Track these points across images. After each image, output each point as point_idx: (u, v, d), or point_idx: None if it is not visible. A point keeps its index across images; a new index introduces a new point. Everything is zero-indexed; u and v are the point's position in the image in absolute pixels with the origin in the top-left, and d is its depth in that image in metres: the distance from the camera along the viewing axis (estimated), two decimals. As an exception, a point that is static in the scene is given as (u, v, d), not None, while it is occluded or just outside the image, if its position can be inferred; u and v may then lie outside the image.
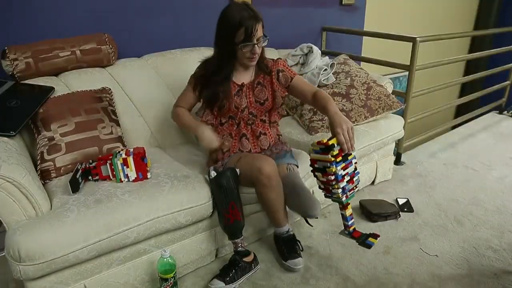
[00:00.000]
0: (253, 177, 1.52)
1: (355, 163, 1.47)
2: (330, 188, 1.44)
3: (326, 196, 1.54)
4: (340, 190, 1.41)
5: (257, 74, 1.69)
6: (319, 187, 1.57)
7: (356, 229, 1.68)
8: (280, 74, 1.70)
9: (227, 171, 1.51)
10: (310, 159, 1.55)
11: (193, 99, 1.71)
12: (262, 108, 1.71)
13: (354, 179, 1.46)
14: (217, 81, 1.61)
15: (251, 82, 1.69)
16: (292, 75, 1.71)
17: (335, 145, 1.42)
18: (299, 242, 1.70)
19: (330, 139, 1.43)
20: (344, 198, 1.44)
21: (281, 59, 1.74)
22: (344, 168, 1.42)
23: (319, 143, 1.45)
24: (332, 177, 1.40)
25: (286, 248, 1.66)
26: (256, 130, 1.73)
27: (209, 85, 1.63)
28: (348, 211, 1.58)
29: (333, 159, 1.39)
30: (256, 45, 1.52)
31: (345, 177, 1.42)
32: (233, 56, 1.57)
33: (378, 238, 1.54)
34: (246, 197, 1.62)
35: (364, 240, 1.66)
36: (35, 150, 1.59)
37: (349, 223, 1.62)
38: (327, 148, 1.42)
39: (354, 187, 1.51)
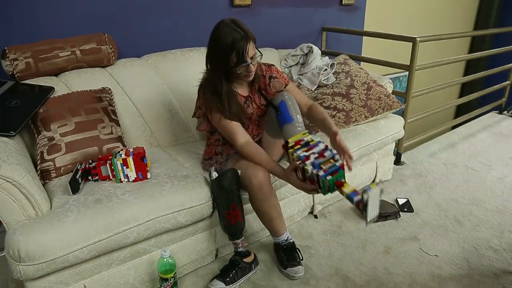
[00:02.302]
0: (245, 185, 1.53)
1: (326, 145, 1.36)
2: (308, 176, 1.35)
3: (319, 189, 1.40)
4: (310, 167, 1.29)
5: (254, 83, 1.68)
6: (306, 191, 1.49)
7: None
8: (273, 80, 1.69)
9: (228, 172, 1.50)
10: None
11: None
12: (266, 110, 1.72)
13: (326, 153, 1.33)
14: (231, 108, 1.55)
15: (253, 91, 1.68)
16: (286, 82, 1.70)
17: (289, 141, 1.42)
18: (299, 250, 1.68)
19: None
20: (321, 173, 1.27)
21: (274, 65, 1.72)
22: (306, 151, 1.36)
23: (283, 148, 1.44)
24: (298, 162, 1.34)
25: (286, 256, 1.65)
26: (261, 126, 1.75)
27: (225, 112, 1.55)
28: (347, 189, 1.28)
29: (292, 150, 1.39)
30: (250, 64, 1.49)
31: (311, 155, 1.34)
32: (230, 76, 1.55)
33: (378, 184, 1.33)
34: (247, 197, 1.62)
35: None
36: (35, 150, 1.59)
37: (356, 199, 1.25)
38: (286, 149, 1.42)
39: (332, 160, 1.31)
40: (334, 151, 1.36)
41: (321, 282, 1.61)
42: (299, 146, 1.39)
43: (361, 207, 1.24)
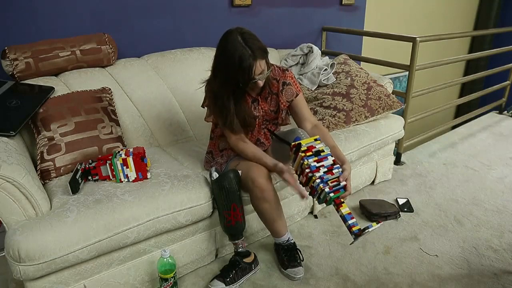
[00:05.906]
0: (247, 187, 1.52)
1: (333, 160, 1.45)
2: (312, 185, 1.40)
3: (315, 197, 1.47)
4: (318, 180, 1.37)
5: (264, 87, 1.60)
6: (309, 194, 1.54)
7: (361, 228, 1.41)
8: (286, 87, 1.63)
9: (229, 172, 1.50)
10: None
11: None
12: (275, 116, 1.69)
13: (334, 171, 1.40)
14: (237, 124, 1.54)
15: (262, 95, 1.63)
16: (297, 91, 1.64)
17: (302, 144, 1.45)
18: (300, 251, 1.68)
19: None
20: (327, 189, 1.36)
21: (288, 71, 1.66)
22: (317, 161, 1.42)
23: (291, 149, 1.48)
24: (307, 170, 1.41)
25: (287, 256, 1.64)
26: (268, 137, 1.72)
27: (229, 127, 1.55)
28: (344, 209, 1.40)
29: (303, 154, 1.42)
30: (258, 80, 1.45)
31: (321, 168, 1.40)
32: (238, 88, 1.50)
33: (379, 224, 1.43)
34: (247, 198, 1.62)
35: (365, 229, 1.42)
36: (35, 150, 1.59)
37: (350, 222, 1.39)
38: (296, 149, 1.45)
39: (338, 179, 1.40)
40: (340, 169, 1.44)
41: (321, 282, 1.61)
42: (311, 153, 1.44)
43: (353, 231, 1.37)
